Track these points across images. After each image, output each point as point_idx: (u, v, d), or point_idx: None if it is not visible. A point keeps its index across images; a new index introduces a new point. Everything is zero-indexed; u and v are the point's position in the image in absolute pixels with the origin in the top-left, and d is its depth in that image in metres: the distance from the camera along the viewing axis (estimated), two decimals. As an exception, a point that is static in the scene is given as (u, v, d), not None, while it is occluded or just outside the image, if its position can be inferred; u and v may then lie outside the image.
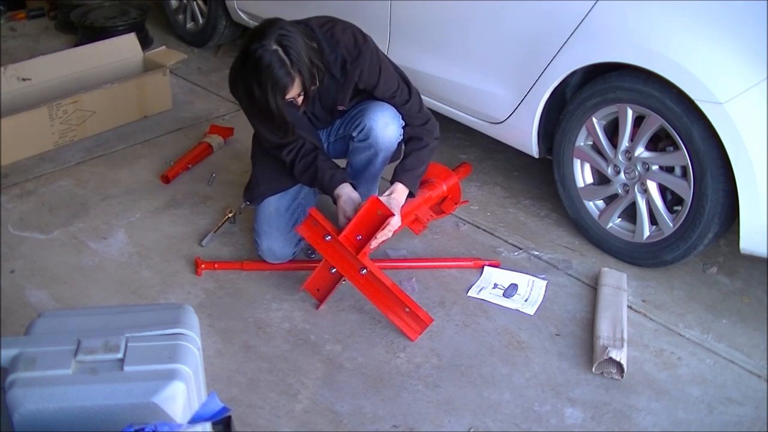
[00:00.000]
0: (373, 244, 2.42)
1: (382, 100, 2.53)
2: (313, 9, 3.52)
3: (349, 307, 2.54)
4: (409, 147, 2.57)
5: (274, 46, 2.21)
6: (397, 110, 2.54)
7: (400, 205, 2.50)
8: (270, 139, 2.51)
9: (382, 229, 2.38)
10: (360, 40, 2.45)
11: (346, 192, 2.45)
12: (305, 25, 2.43)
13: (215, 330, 2.42)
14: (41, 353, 1.41)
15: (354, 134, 2.58)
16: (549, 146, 2.90)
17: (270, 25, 2.26)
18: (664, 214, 2.58)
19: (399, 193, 2.50)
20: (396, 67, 2.59)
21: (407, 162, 2.54)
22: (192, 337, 1.51)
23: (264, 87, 2.24)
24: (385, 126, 2.52)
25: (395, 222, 2.42)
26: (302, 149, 2.50)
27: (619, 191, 2.69)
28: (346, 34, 2.45)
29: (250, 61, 2.24)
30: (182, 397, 1.38)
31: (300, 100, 2.36)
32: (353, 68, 2.44)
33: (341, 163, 2.76)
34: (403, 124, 2.56)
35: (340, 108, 2.55)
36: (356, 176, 2.67)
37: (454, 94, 3.06)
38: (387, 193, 2.49)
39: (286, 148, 2.50)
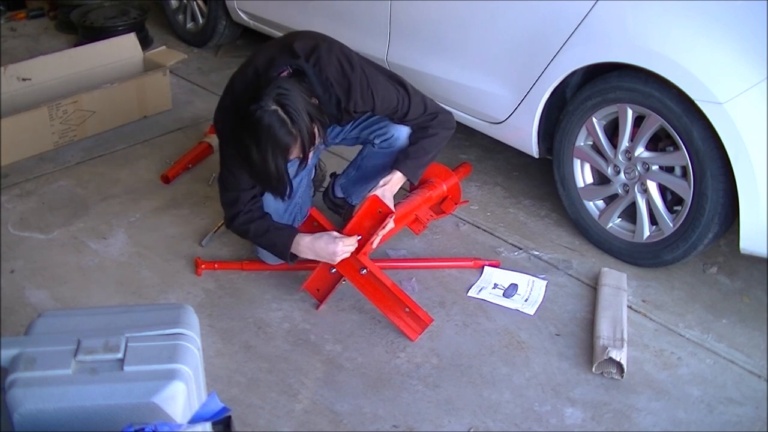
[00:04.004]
0: (375, 243, 2.43)
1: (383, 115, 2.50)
2: (312, 9, 3.54)
3: (349, 307, 2.54)
4: (414, 136, 2.55)
5: (273, 106, 2.12)
6: (402, 122, 2.52)
7: (393, 194, 2.48)
8: (232, 198, 2.45)
9: (383, 227, 2.38)
10: (347, 69, 2.34)
11: (305, 240, 2.42)
12: (293, 55, 2.32)
13: (215, 330, 2.42)
14: (41, 353, 1.41)
15: (377, 141, 2.58)
16: (549, 146, 2.90)
17: (267, 83, 2.17)
18: (664, 214, 2.58)
19: (394, 183, 2.48)
20: (390, 76, 2.53)
21: (411, 150, 2.52)
22: (192, 337, 1.51)
23: (264, 149, 2.14)
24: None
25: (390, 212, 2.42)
26: (252, 215, 2.46)
27: (619, 191, 2.69)
28: (332, 64, 2.33)
29: (247, 122, 2.13)
30: (182, 397, 1.38)
31: (298, 161, 2.28)
32: (347, 102, 2.37)
33: (344, 149, 2.74)
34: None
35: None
36: (363, 178, 2.70)
37: (454, 94, 3.06)
38: (382, 183, 2.47)
39: (240, 217, 2.45)
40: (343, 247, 2.36)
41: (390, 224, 2.42)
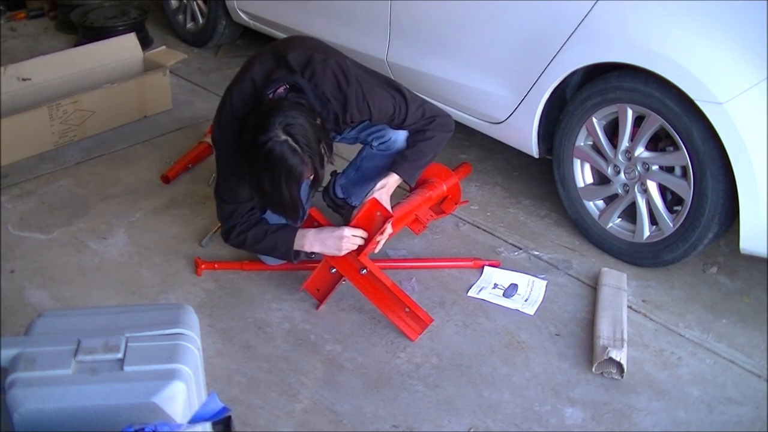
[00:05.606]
0: (377, 249, 2.45)
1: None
2: (312, 9, 3.54)
3: (349, 307, 2.54)
4: (412, 139, 2.56)
5: (283, 136, 2.12)
6: (400, 128, 2.53)
7: (390, 196, 2.50)
8: (229, 211, 2.47)
9: (381, 233, 2.39)
10: (342, 83, 2.34)
11: (310, 233, 2.43)
12: (290, 70, 2.31)
13: (215, 330, 2.42)
14: (41, 353, 1.41)
15: (375, 143, 2.59)
16: (549, 146, 2.90)
17: (273, 112, 2.15)
18: (664, 214, 2.58)
19: (391, 186, 2.50)
20: (389, 83, 2.51)
21: (408, 152, 2.53)
22: (192, 337, 1.51)
23: (277, 179, 2.16)
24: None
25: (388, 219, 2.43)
26: (249, 223, 2.47)
27: (619, 191, 2.69)
28: (327, 79, 2.33)
29: (258, 153, 2.14)
30: (182, 397, 1.38)
31: (309, 181, 2.30)
32: (344, 116, 2.38)
33: (344, 149, 2.75)
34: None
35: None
36: (363, 179, 2.70)
37: (454, 94, 3.06)
38: (379, 186, 2.48)
39: (236, 229, 2.47)
40: (349, 233, 2.37)
41: (388, 229, 2.43)
